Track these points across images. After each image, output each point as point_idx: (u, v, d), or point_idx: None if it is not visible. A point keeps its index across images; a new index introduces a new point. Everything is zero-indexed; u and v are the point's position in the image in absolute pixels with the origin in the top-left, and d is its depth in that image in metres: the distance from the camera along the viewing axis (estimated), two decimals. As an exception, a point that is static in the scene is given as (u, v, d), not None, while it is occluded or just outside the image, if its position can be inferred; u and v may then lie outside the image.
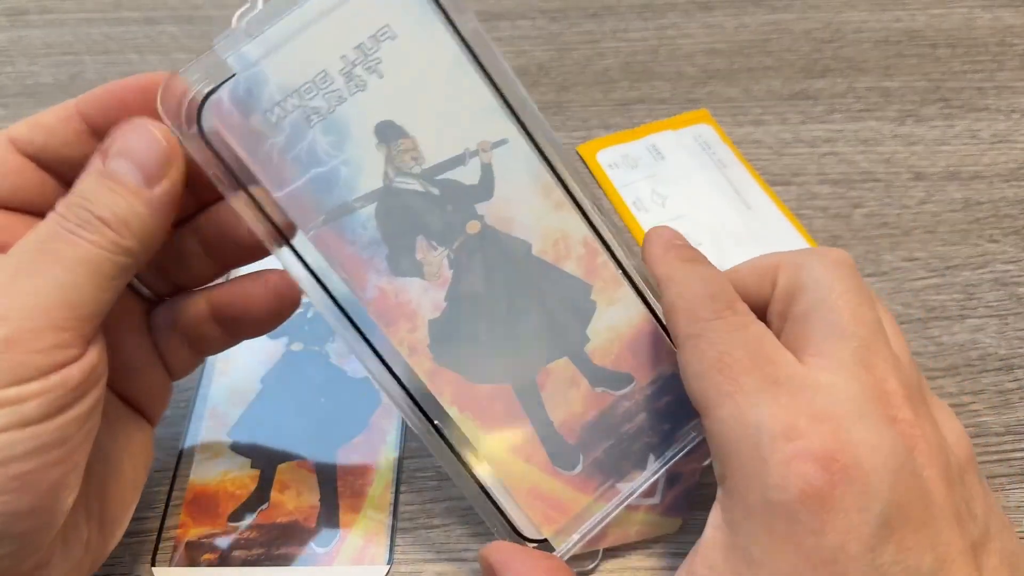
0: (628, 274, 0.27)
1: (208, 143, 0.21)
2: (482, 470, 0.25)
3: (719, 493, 0.22)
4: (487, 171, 0.25)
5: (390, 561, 0.28)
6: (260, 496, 0.29)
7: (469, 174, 0.25)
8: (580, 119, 0.42)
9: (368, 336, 0.24)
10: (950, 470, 0.21)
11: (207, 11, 0.47)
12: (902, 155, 0.41)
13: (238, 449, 0.30)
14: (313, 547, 0.28)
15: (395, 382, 0.24)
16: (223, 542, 0.28)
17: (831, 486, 0.19)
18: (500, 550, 0.24)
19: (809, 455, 0.19)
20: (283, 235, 0.23)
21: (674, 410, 0.27)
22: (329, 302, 0.23)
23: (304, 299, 0.26)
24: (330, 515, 0.28)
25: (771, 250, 0.35)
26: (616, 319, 0.27)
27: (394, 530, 0.28)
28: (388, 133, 0.24)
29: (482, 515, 0.26)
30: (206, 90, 0.21)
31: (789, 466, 0.19)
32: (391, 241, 0.24)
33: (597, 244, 0.26)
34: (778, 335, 0.23)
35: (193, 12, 0.47)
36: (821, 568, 0.19)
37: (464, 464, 0.25)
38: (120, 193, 0.21)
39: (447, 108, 0.25)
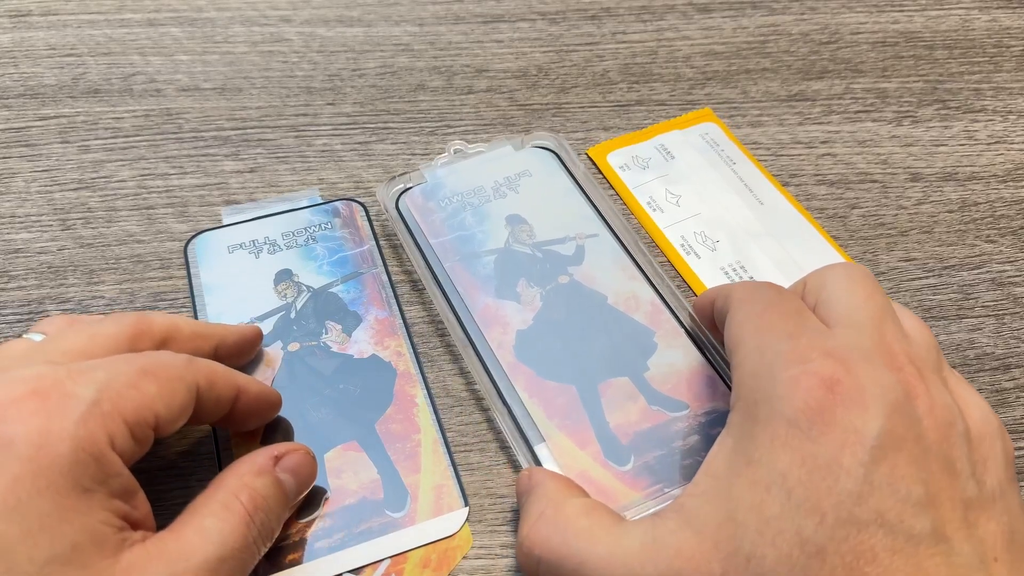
0: (688, 330, 0.32)
1: (400, 215, 0.36)
2: (541, 448, 0.29)
3: (729, 417, 0.23)
4: (580, 249, 0.35)
5: (466, 503, 0.29)
6: (318, 488, 0.29)
7: (566, 249, 0.35)
8: (579, 121, 0.43)
9: (471, 335, 0.32)
10: (951, 429, 0.22)
11: (209, 13, 0.47)
12: (899, 156, 0.41)
13: None
14: (390, 514, 0.28)
15: (483, 371, 0.31)
16: (301, 540, 0.28)
17: (832, 405, 0.21)
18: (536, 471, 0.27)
19: (815, 375, 0.21)
20: (431, 269, 0.34)
21: None
22: (449, 311, 0.32)
23: (286, 302, 0.34)
24: (394, 482, 0.29)
25: (787, 244, 0.37)
26: (675, 359, 0.32)
27: (458, 475, 0.30)
28: (514, 219, 0.36)
29: None
30: (405, 187, 0.37)
31: (797, 382, 0.21)
32: (500, 278, 0.34)
33: (661, 305, 0.33)
34: None
35: (196, 14, 0.47)
36: (816, 473, 0.20)
37: (527, 441, 0.29)
38: (285, 506, 0.26)
39: (558, 213, 0.36)
